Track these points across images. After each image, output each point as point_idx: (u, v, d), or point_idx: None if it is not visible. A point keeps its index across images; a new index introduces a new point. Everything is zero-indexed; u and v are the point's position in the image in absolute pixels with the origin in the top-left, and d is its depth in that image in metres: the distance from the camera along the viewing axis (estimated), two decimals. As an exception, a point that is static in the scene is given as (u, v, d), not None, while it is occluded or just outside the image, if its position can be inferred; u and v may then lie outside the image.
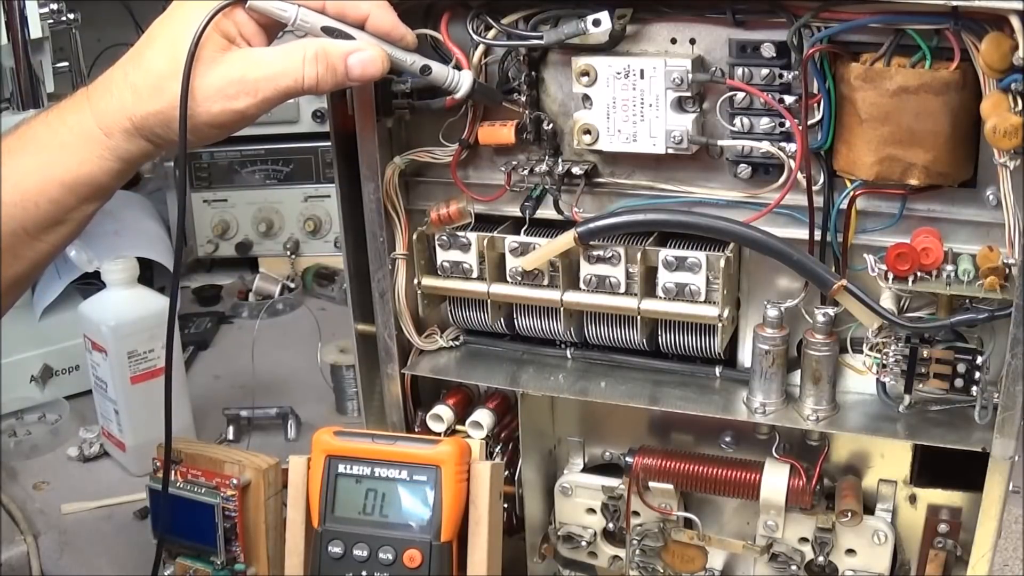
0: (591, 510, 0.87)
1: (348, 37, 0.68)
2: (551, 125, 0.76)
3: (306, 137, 1.61)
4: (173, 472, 0.89)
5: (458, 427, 0.86)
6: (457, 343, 0.87)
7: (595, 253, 0.75)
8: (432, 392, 0.89)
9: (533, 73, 0.75)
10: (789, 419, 0.76)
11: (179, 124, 0.66)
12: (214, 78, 0.66)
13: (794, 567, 0.82)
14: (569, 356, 0.84)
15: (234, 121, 0.68)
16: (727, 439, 0.82)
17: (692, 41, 0.71)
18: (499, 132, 0.76)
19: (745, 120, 0.70)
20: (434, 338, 0.86)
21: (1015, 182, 0.63)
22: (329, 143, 0.82)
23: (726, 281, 0.73)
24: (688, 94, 0.70)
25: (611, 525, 0.87)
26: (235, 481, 0.88)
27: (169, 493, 0.87)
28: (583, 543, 0.88)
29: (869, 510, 0.79)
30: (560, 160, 0.76)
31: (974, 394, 0.70)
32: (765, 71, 0.68)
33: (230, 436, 1.22)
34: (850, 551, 0.80)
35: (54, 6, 1.37)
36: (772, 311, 0.73)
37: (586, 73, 0.71)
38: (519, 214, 0.78)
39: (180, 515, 0.88)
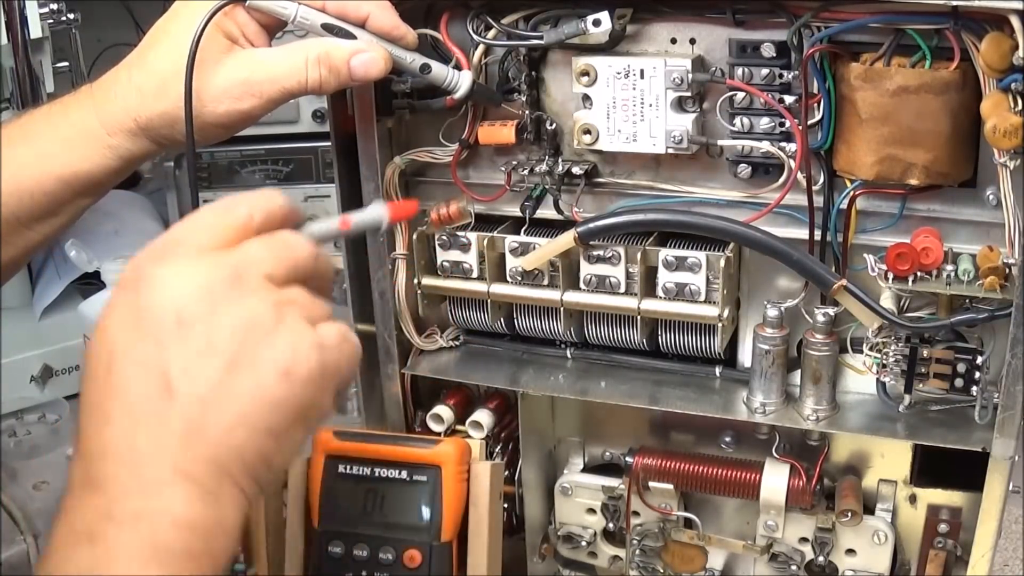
0: (591, 510, 0.87)
1: (348, 35, 0.68)
2: (552, 125, 0.76)
3: (306, 137, 1.60)
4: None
5: (458, 427, 0.86)
6: (457, 343, 0.87)
7: (595, 253, 0.75)
8: (432, 392, 0.89)
9: (533, 73, 0.75)
10: (789, 419, 0.75)
11: (185, 125, 0.66)
12: (220, 79, 0.66)
13: (794, 567, 0.82)
14: (569, 356, 0.84)
15: (239, 121, 0.69)
16: (727, 439, 0.82)
17: (692, 41, 0.71)
18: (499, 132, 0.76)
19: (745, 120, 0.70)
20: (434, 338, 0.86)
21: (1015, 182, 0.63)
22: (329, 143, 0.82)
23: (726, 281, 0.73)
24: (688, 94, 0.70)
25: (611, 525, 0.87)
26: (235, 481, 0.87)
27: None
28: (583, 543, 0.88)
29: (869, 510, 0.79)
30: (560, 160, 0.76)
31: (974, 394, 0.70)
32: (765, 71, 0.68)
33: (230, 436, 1.21)
34: (850, 551, 0.80)
35: (54, 6, 1.36)
36: (772, 311, 0.73)
37: (586, 73, 0.71)
38: (519, 214, 0.78)
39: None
